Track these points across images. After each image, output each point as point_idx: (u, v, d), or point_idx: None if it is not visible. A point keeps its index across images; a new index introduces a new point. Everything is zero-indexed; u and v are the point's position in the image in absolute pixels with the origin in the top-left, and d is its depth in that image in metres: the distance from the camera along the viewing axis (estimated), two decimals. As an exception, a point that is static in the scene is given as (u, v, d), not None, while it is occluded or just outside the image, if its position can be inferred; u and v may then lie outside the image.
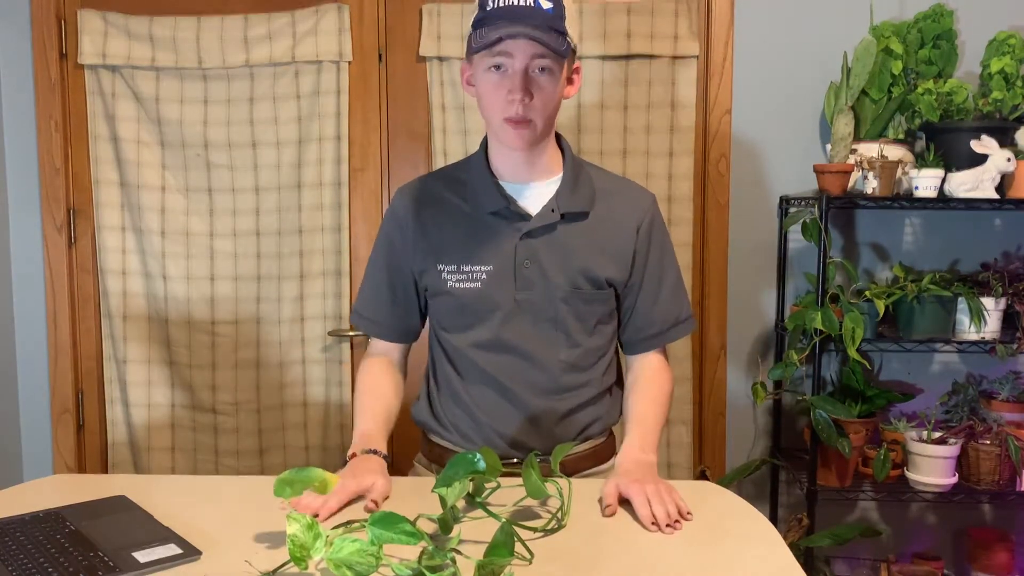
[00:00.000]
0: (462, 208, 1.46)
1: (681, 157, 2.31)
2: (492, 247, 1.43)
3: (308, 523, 1.03)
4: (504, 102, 1.34)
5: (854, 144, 2.18)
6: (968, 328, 2.16)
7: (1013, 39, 2.12)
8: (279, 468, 2.41)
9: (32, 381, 2.48)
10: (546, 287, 1.42)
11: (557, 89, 1.37)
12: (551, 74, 1.34)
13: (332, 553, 1.00)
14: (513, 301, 1.42)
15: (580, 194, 1.45)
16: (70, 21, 2.37)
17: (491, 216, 1.44)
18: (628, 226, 1.47)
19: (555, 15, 1.32)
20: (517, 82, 1.32)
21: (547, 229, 1.43)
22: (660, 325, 1.52)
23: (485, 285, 1.42)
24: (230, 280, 2.39)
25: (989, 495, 2.19)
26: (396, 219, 1.51)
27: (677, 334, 1.54)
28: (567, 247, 1.43)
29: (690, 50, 2.29)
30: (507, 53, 1.32)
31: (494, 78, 1.34)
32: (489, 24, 1.31)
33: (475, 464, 1.14)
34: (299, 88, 2.34)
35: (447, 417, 1.51)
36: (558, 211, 1.43)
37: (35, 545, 1.13)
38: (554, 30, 1.31)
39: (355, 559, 0.99)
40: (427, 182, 1.54)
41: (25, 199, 2.44)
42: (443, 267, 1.45)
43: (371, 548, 1.00)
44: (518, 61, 1.32)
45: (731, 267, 2.36)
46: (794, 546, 2.08)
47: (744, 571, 1.09)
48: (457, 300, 1.44)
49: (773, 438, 2.39)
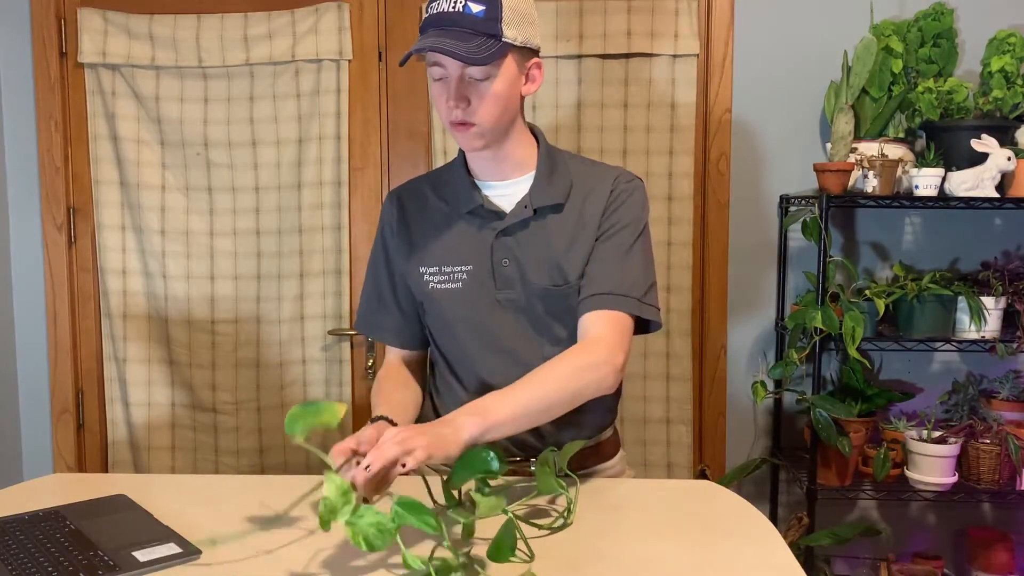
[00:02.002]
0: (443, 209, 1.47)
1: (681, 156, 2.31)
2: (470, 247, 1.43)
3: (344, 488, 1.03)
4: (446, 108, 1.35)
5: (854, 143, 2.18)
6: (968, 327, 2.16)
7: (1013, 38, 2.12)
8: (279, 468, 2.41)
9: (32, 380, 2.48)
10: (524, 285, 1.42)
11: (498, 91, 1.34)
12: (489, 78, 1.33)
13: (355, 516, 1.00)
14: (494, 300, 1.42)
15: (555, 187, 1.43)
16: (70, 20, 2.37)
17: (468, 215, 1.44)
18: (596, 212, 1.43)
19: (487, 18, 1.30)
20: (451, 89, 1.33)
21: (521, 226, 1.42)
22: (599, 287, 1.39)
23: (466, 285, 1.42)
24: (230, 279, 2.39)
25: (989, 494, 2.19)
26: (385, 222, 1.53)
27: (617, 305, 1.38)
28: (543, 243, 1.42)
29: (690, 48, 2.28)
30: (438, 63, 1.33)
31: (437, 87, 1.36)
32: (423, 32, 1.34)
33: (488, 463, 1.12)
34: (299, 87, 2.34)
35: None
36: (531, 207, 1.41)
37: (35, 544, 1.13)
38: (484, 34, 1.30)
39: (371, 531, 1.00)
40: (414, 184, 1.55)
41: (25, 198, 2.44)
42: (425, 269, 1.45)
43: (390, 526, 1.01)
44: (451, 69, 1.33)
45: (731, 266, 2.36)
46: (794, 545, 2.08)
47: (744, 571, 1.09)
48: (439, 301, 1.44)
49: (773, 437, 2.39)
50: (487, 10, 1.30)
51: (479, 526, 1.17)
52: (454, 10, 1.30)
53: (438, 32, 1.30)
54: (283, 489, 1.39)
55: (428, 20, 1.33)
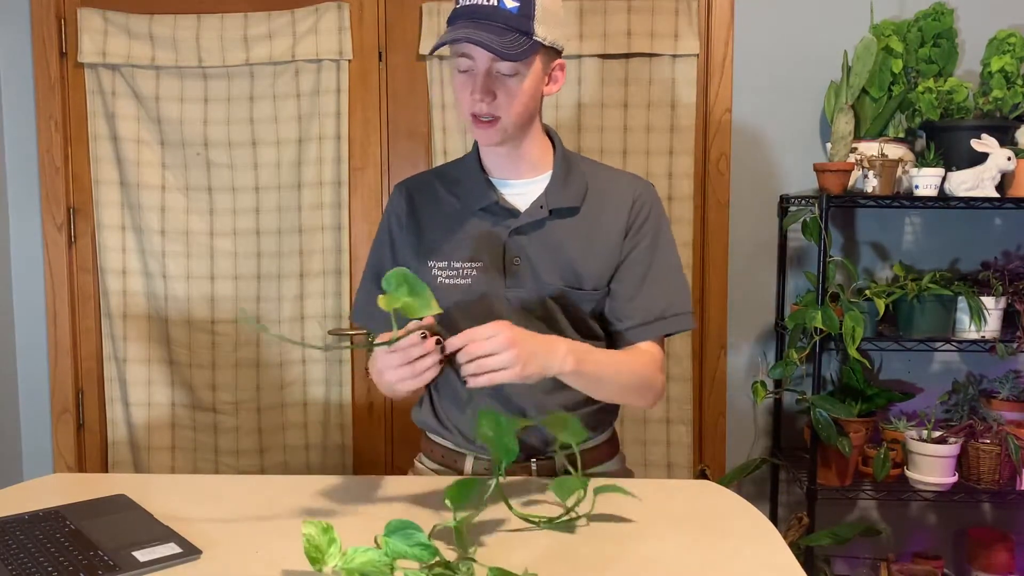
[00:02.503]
0: (454, 204, 1.47)
1: (681, 156, 2.31)
2: (482, 243, 1.43)
3: (323, 527, 1.03)
4: (470, 100, 1.35)
5: (854, 143, 2.18)
6: (968, 327, 2.16)
7: (1013, 38, 2.12)
8: (279, 468, 2.41)
9: (32, 380, 2.48)
10: (536, 285, 1.42)
11: (526, 88, 1.35)
12: (518, 75, 1.34)
13: (345, 562, 1.00)
14: (503, 298, 1.42)
15: (570, 190, 1.44)
16: (70, 20, 2.37)
17: (481, 212, 1.44)
18: (618, 223, 1.44)
19: (520, 15, 1.31)
20: (478, 83, 1.34)
21: (536, 226, 1.43)
22: (640, 318, 1.43)
23: (475, 281, 1.42)
24: (230, 279, 2.39)
25: (989, 494, 2.19)
26: (393, 214, 1.52)
27: (677, 325, 1.45)
28: (557, 244, 1.42)
29: (690, 48, 2.28)
30: (467, 55, 1.33)
31: (461, 79, 1.36)
32: (453, 23, 1.33)
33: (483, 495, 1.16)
34: (299, 87, 2.34)
35: (448, 419, 1.51)
36: (546, 207, 1.42)
37: (35, 544, 1.13)
38: (516, 30, 1.30)
39: (368, 568, 1.00)
40: (423, 177, 1.55)
41: (25, 198, 2.44)
42: (434, 263, 1.45)
43: (385, 559, 1.00)
44: (479, 62, 1.33)
45: (731, 266, 2.36)
46: (794, 545, 2.08)
47: (744, 571, 1.09)
48: (446, 296, 1.44)
49: (773, 437, 2.39)
50: (521, 7, 1.31)
51: (477, 529, 1.17)
52: (488, 4, 1.30)
53: (470, 24, 1.30)
54: (283, 489, 1.39)
55: (459, 11, 1.33)
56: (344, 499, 1.34)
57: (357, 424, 2.41)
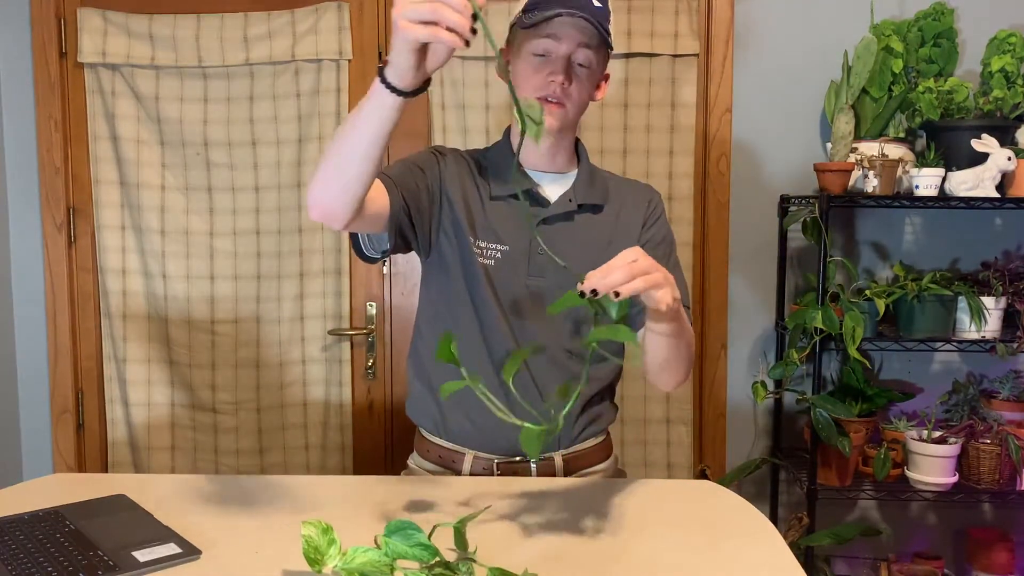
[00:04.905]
0: (486, 186, 1.47)
1: (681, 156, 2.31)
2: (509, 228, 1.44)
3: (323, 527, 1.03)
4: (544, 81, 1.37)
5: (854, 143, 2.17)
6: (968, 327, 2.16)
7: (1014, 37, 2.12)
8: (279, 468, 2.41)
9: (32, 381, 2.48)
10: (557, 275, 1.42)
11: (590, 87, 1.42)
12: (589, 70, 1.40)
13: (345, 562, 1.00)
14: (524, 285, 1.43)
15: (596, 188, 1.49)
16: (70, 20, 2.37)
17: (512, 199, 1.46)
18: (636, 220, 1.50)
19: (603, 14, 1.38)
20: (560, 65, 1.37)
21: (564, 218, 1.46)
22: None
23: (498, 263, 1.43)
24: (230, 279, 2.39)
25: (989, 494, 2.19)
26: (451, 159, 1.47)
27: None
28: (582, 239, 1.45)
29: (690, 48, 2.28)
30: (555, 36, 1.36)
31: (535, 62, 1.38)
32: (539, 6, 1.36)
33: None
34: (299, 86, 2.34)
35: (447, 418, 1.50)
36: (575, 201, 1.46)
37: (35, 544, 1.13)
38: (602, 26, 1.36)
39: (368, 568, 0.99)
40: (460, 154, 1.53)
41: (25, 198, 2.43)
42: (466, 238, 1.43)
43: (385, 560, 1.00)
44: (564, 46, 1.37)
45: (731, 266, 2.36)
46: (794, 545, 2.08)
47: (744, 571, 1.09)
48: (469, 273, 1.43)
49: (773, 437, 2.39)
50: (603, 9, 1.38)
51: (487, 536, 1.17)
52: None
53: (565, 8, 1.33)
54: (283, 489, 1.39)
55: None
56: (344, 499, 1.34)
57: (357, 424, 2.41)
